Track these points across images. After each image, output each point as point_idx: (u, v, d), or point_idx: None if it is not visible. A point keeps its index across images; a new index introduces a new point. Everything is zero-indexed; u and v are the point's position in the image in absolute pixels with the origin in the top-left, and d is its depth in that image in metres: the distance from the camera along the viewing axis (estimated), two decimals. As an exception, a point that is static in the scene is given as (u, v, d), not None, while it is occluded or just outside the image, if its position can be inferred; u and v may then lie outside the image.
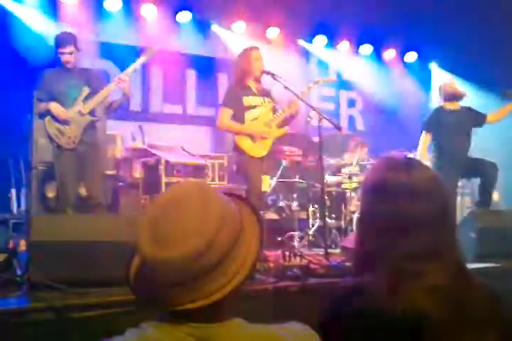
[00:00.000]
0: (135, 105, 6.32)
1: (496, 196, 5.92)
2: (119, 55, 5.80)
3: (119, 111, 4.41)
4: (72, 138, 3.87)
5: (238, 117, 4.18)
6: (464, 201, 5.31)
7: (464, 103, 5.42)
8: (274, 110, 4.37)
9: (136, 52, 5.24)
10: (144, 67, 6.34)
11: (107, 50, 6.02)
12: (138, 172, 4.90)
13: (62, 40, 3.89)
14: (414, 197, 1.19)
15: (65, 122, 3.87)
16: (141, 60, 4.17)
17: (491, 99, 6.47)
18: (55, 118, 3.86)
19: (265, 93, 4.37)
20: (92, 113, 4.00)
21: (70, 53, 3.88)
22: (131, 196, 4.76)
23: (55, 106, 3.85)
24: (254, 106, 4.22)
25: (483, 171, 4.77)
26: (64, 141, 3.86)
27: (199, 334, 0.91)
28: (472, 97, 7.57)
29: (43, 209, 4.50)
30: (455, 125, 4.79)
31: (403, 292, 1.09)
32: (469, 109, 5.00)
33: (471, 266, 2.88)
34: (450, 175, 4.51)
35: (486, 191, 4.78)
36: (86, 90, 3.94)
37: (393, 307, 1.08)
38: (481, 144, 4.91)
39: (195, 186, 0.96)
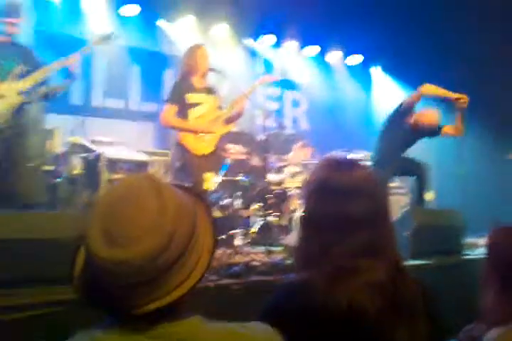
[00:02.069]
0: (76, 99, 6.12)
1: (430, 195, 6.19)
2: (61, 46, 5.59)
3: (59, 104, 4.23)
4: None
5: (182, 114, 4.14)
6: (400, 200, 5.51)
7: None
8: (219, 108, 4.37)
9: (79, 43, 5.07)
10: (86, 60, 6.17)
11: (48, 40, 5.78)
12: (77, 168, 4.75)
13: (12, 8, 3.56)
14: (354, 197, 1.23)
15: None
16: (97, 41, 3.91)
17: (434, 105, 6.75)
18: None
19: (210, 91, 4.36)
20: (24, 93, 3.56)
21: (16, 25, 3.57)
22: (70, 192, 4.61)
23: None
24: (198, 104, 4.20)
25: (416, 171, 4.97)
26: None
27: (159, 334, 0.86)
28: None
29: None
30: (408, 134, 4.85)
31: (343, 288, 1.13)
32: None
33: (405, 262, 3.00)
34: (384, 173, 4.64)
35: (419, 190, 4.98)
36: (22, 67, 3.55)
37: (333, 302, 1.11)
38: (415, 144, 5.10)
39: (147, 180, 0.90)
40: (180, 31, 6.81)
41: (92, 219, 0.87)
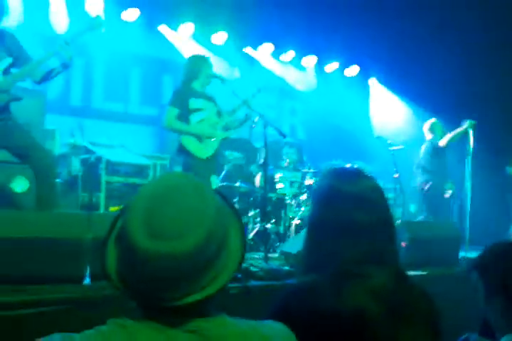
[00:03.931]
0: (76, 100, 6.15)
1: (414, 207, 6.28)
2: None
3: (59, 105, 4.21)
4: None
5: (183, 118, 4.22)
6: (396, 212, 5.57)
7: (397, 120, 5.82)
8: (219, 114, 4.43)
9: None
10: (88, 62, 6.20)
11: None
12: (76, 170, 4.76)
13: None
14: (360, 205, 1.28)
15: None
16: (88, 28, 3.60)
17: (426, 117, 6.85)
18: None
19: (210, 98, 4.45)
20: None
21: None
22: (68, 193, 4.61)
23: None
24: (199, 109, 4.29)
25: None
26: None
27: (187, 328, 0.88)
28: (406, 114, 8.03)
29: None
30: None
31: (347, 292, 1.16)
32: None
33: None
34: None
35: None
36: (8, 60, 3.22)
37: (337, 306, 1.15)
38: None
39: (186, 177, 0.94)
40: (181, 37, 6.87)
41: (133, 213, 0.88)
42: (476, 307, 1.79)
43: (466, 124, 5.39)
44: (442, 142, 5.66)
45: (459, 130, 5.50)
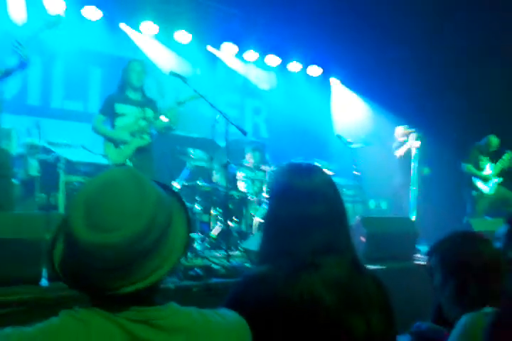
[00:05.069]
0: (33, 99, 6.01)
1: (384, 204, 6.43)
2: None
3: (15, 104, 4.11)
4: None
5: (110, 123, 4.59)
6: (356, 208, 5.68)
7: (358, 119, 6.05)
8: (146, 119, 4.60)
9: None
10: (47, 61, 6.07)
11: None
12: (34, 170, 4.65)
13: None
14: (314, 200, 1.32)
15: None
16: (45, 26, 3.70)
17: (389, 119, 7.03)
18: None
19: (142, 103, 4.62)
20: None
21: None
22: (26, 194, 4.50)
23: None
24: (123, 115, 4.56)
25: None
26: None
27: (138, 317, 0.90)
28: (366, 113, 8.19)
29: None
30: None
31: (301, 281, 1.20)
32: None
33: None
34: None
35: None
36: None
37: (290, 294, 1.18)
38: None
39: (128, 171, 0.97)
40: (144, 36, 6.80)
41: (74, 207, 0.91)
42: (430, 298, 1.87)
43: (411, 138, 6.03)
44: (399, 153, 6.26)
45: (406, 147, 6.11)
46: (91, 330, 0.87)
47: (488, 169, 6.23)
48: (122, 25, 6.66)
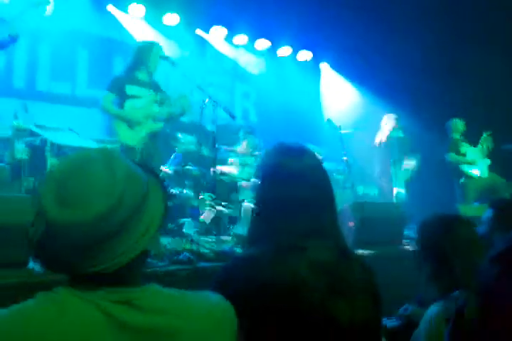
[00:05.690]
0: (19, 81, 5.90)
1: (373, 190, 6.47)
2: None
3: (1, 87, 4.01)
4: None
5: (119, 104, 4.32)
6: (345, 193, 5.69)
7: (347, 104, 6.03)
8: (158, 103, 4.44)
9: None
10: (33, 42, 5.95)
11: None
12: (21, 153, 4.59)
13: None
14: (302, 182, 1.30)
15: None
16: (31, 4, 3.65)
17: (379, 105, 7.01)
18: None
19: (152, 86, 4.45)
20: None
21: None
22: (12, 177, 4.45)
23: None
24: (135, 96, 4.33)
25: None
26: None
27: (117, 298, 0.90)
28: (356, 99, 8.18)
29: None
30: None
31: (287, 264, 1.19)
32: None
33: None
34: None
35: None
36: None
37: (276, 277, 1.17)
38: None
39: (100, 151, 0.97)
40: (132, 18, 6.69)
41: (46, 185, 0.91)
42: (417, 282, 1.89)
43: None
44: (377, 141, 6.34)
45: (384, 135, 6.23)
46: (66, 311, 0.87)
47: (470, 153, 6.24)
48: (110, 7, 6.54)
